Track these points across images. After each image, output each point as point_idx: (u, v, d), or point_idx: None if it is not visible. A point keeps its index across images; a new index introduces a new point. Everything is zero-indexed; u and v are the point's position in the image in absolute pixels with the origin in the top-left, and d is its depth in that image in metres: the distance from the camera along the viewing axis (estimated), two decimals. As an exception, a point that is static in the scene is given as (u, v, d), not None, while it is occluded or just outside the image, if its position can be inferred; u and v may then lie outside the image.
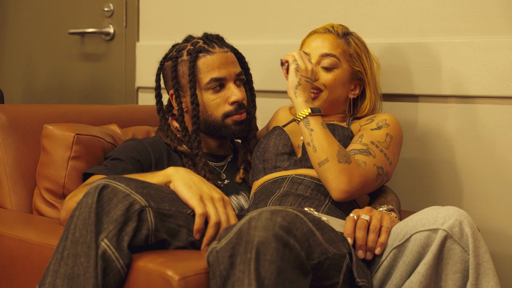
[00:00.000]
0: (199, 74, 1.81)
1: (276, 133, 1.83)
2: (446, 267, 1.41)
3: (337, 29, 1.83)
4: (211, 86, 1.81)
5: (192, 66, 1.79)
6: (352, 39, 1.84)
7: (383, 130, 1.73)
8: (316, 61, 1.81)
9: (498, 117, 1.89)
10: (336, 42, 1.82)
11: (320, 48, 1.81)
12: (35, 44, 3.02)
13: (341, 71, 1.81)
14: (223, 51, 1.83)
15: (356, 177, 1.60)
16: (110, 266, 1.32)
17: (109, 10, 2.74)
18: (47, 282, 1.33)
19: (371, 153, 1.66)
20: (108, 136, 1.91)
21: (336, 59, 1.80)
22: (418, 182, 2.03)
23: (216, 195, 1.46)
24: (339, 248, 1.41)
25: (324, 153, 1.60)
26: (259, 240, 1.22)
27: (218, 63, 1.81)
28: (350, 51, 1.82)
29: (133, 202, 1.35)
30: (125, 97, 2.71)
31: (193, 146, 1.82)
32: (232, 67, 1.83)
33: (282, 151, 1.79)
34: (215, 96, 1.82)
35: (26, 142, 1.90)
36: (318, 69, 1.80)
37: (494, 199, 1.91)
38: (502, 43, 1.85)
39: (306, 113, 1.64)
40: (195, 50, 1.81)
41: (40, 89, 3.01)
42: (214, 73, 1.80)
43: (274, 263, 1.22)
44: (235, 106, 1.82)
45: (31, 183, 1.88)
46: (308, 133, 1.64)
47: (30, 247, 1.56)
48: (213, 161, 1.90)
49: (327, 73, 1.80)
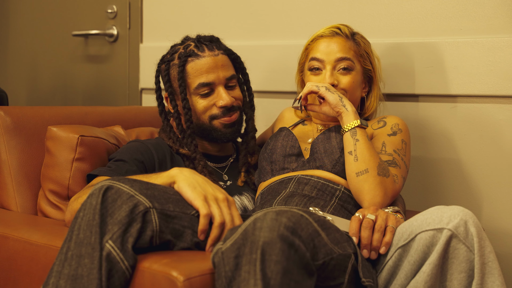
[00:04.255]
0: (188, 79, 1.81)
1: (284, 134, 1.83)
2: (451, 266, 1.40)
3: (345, 31, 1.82)
4: (199, 92, 1.80)
5: (181, 70, 1.79)
6: (359, 39, 1.84)
7: (399, 137, 1.75)
8: (332, 66, 1.79)
9: (502, 116, 1.88)
10: (347, 44, 1.81)
11: (334, 52, 1.79)
12: (39, 46, 3.02)
13: (356, 73, 1.81)
14: (213, 55, 1.82)
15: (390, 191, 1.63)
16: (115, 267, 1.32)
17: (112, 12, 2.74)
18: (50, 282, 1.33)
19: (398, 164, 1.69)
20: (112, 138, 1.91)
21: (351, 61, 1.80)
22: (423, 182, 2.03)
23: (221, 196, 1.45)
24: (344, 248, 1.41)
25: (365, 164, 1.63)
26: (264, 241, 1.22)
27: (207, 68, 1.80)
28: (361, 51, 1.82)
29: (138, 204, 1.35)
30: (129, 99, 2.71)
31: (190, 149, 1.82)
32: (222, 70, 1.82)
33: (290, 153, 1.78)
34: (203, 100, 1.81)
35: (30, 144, 1.90)
36: (335, 74, 1.79)
37: (499, 199, 1.90)
38: (506, 42, 1.84)
39: (355, 124, 1.68)
40: (184, 54, 1.81)
41: (44, 91, 3.02)
42: (202, 78, 1.80)
43: (280, 263, 1.22)
44: (222, 110, 1.81)
45: (35, 184, 1.88)
46: (353, 142, 1.66)
47: (35, 249, 1.56)
48: (214, 163, 1.89)
49: (345, 76, 1.79)
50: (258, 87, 2.18)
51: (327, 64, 1.79)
